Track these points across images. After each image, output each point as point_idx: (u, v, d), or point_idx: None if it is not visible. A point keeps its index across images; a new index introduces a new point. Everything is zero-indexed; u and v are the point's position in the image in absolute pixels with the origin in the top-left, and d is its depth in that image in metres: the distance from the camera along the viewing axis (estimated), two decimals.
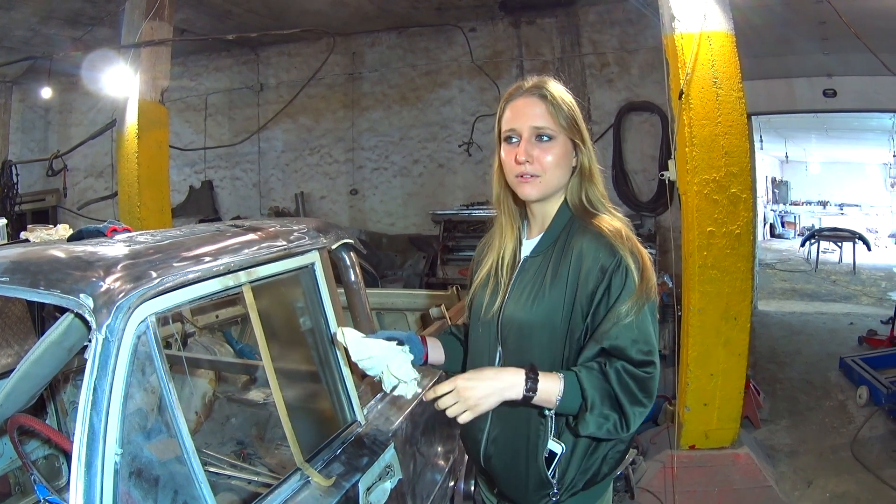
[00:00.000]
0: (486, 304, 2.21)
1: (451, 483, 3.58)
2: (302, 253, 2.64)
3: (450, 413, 1.88)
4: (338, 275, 2.72)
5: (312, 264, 2.69)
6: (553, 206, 2.18)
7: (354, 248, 3.09)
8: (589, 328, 1.99)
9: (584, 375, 1.89)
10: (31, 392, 2.21)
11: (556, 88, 2.13)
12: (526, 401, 1.89)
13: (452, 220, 10.68)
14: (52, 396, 3.53)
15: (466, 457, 3.79)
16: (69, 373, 3.52)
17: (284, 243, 2.59)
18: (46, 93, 10.50)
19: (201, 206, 13.04)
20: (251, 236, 2.52)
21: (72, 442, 1.73)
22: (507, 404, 1.91)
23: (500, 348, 2.16)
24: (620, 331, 1.91)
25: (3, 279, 1.97)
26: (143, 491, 1.82)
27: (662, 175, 5.27)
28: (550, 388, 1.88)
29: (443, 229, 10.62)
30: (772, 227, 23.84)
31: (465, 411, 1.87)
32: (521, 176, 2.10)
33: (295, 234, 2.71)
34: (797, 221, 24.36)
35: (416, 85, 11.86)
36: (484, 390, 1.87)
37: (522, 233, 2.27)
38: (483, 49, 11.25)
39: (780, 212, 25.09)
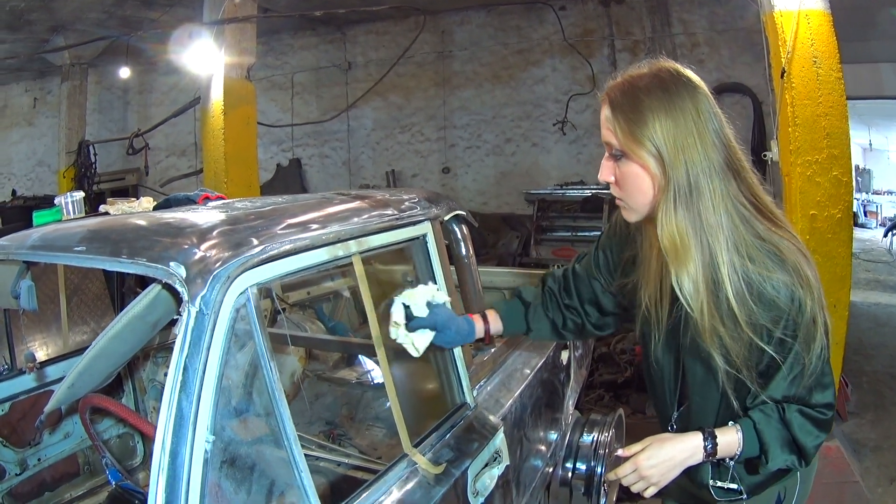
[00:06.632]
0: (654, 340, 1.98)
1: (549, 469, 3.41)
2: (414, 223, 2.42)
3: (634, 489, 1.86)
4: (448, 248, 2.50)
5: (424, 235, 2.46)
6: None
7: (466, 220, 2.89)
8: (762, 374, 1.78)
9: (763, 426, 1.78)
10: (107, 370, 2.03)
11: (631, 86, 1.73)
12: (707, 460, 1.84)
13: (546, 200, 10.63)
14: (129, 374, 3.41)
15: (566, 441, 3.61)
16: (149, 349, 3.40)
17: (395, 212, 2.36)
18: (125, 73, 10.66)
19: (289, 183, 13.05)
20: (359, 203, 2.30)
21: (153, 426, 1.53)
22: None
23: (678, 385, 2.02)
24: (799, 380, 1.76)
25: (79, 248, 1.79)
26: (235, 481, 1.60)
27: (765, 156, 5.22)
28: (730, 445, 1.80)
29: (536, 209, 10.58)
30: (855, 216, 23.12)
31: (650, 486, 1.84)
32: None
33: (406, 203, 2.48)
34: (879, 211, 23.89)
35: (508, 63, 11.75)
36: (666, 466, 1.82)
37: None
38: (574, 28, 11.08)
39: (863, 200, 24.54)
